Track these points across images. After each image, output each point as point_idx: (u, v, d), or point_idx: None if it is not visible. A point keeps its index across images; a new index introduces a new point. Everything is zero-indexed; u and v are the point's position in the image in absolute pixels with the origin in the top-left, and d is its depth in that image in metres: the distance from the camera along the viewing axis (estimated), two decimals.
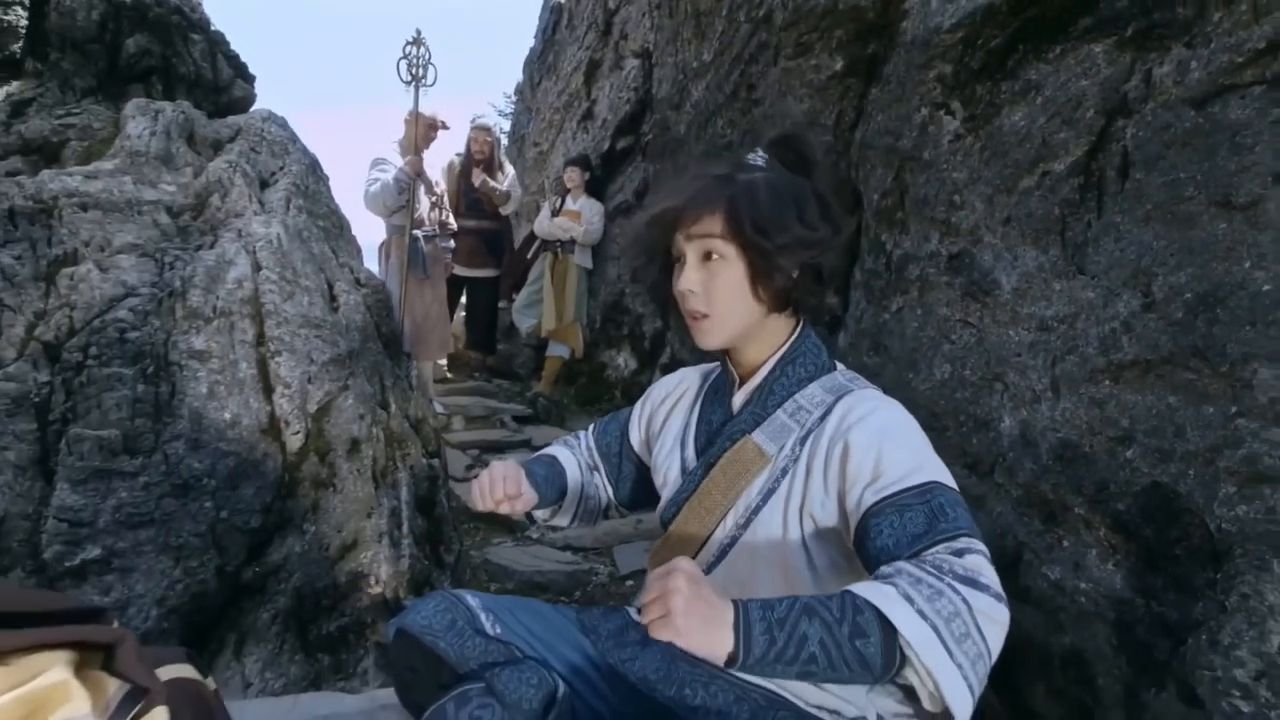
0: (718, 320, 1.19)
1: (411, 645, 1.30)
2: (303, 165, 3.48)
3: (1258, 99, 1.58)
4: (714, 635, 0.86)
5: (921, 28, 2.43)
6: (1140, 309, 1.79)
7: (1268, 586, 1.45)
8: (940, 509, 1.00)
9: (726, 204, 1.15)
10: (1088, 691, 1.86)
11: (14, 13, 2.95)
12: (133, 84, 3.32)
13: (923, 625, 0.86)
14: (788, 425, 1.18)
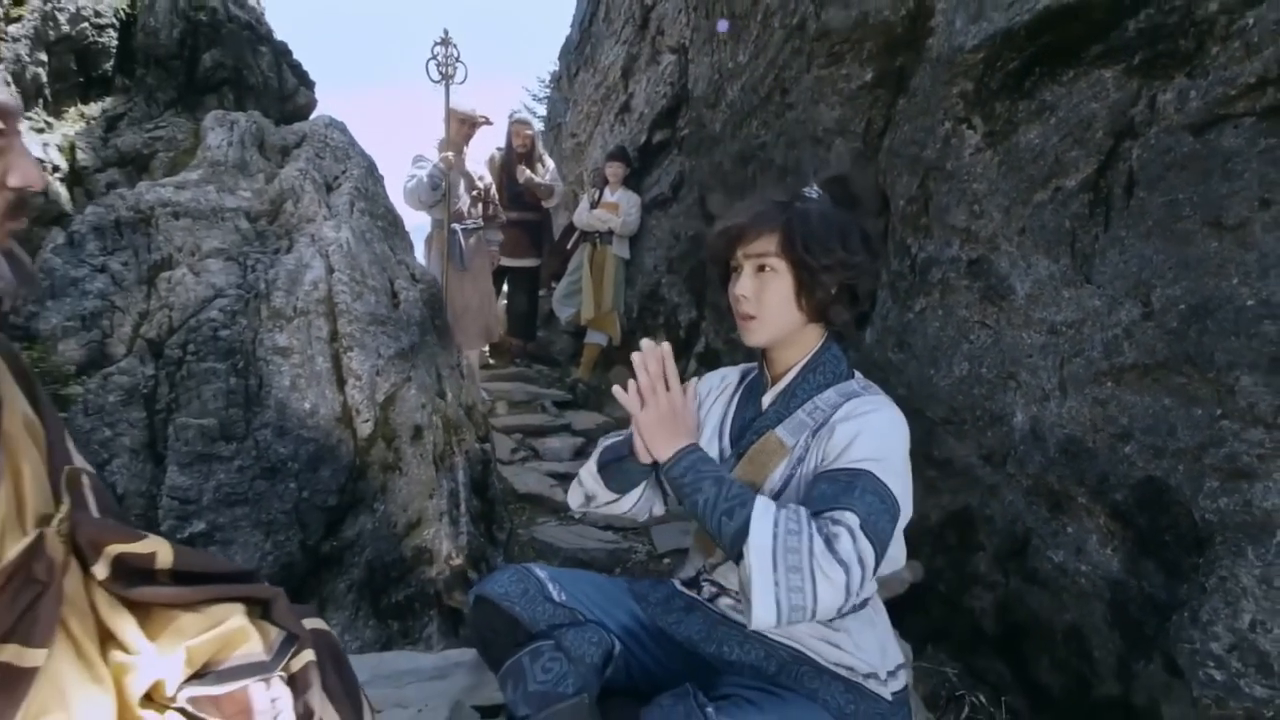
0: (763, 322, 1.40)
1: (491, 610, 1.53)
2: (362, 169, 3.72)
3: (1248, 129, 1.74)
4: (658, 447, 1.30)
5: (946, 46, 2.58)
6: (1140, 317, 1.95)
7: (1242, 570, 1.63)
8: (851, 488, 1.20)
9: (783, 225, 1.35)
10: (1085, 663, 2.05)
11: (106, 35, 3.21)
12: (208, 94, 3.59)
13: (767, 540, 1.12)
14: (805, 422, 1.38)
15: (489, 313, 5.49)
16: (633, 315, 5.97)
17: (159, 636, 1.04)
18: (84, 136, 3.05)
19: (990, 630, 2.43)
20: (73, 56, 3.11)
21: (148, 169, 3.14)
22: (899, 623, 2.53)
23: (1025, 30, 2.27)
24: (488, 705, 1.79)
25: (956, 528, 2.59)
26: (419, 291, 3.52)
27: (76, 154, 2.97)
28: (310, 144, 3.61)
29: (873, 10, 2.96)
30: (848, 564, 1.10)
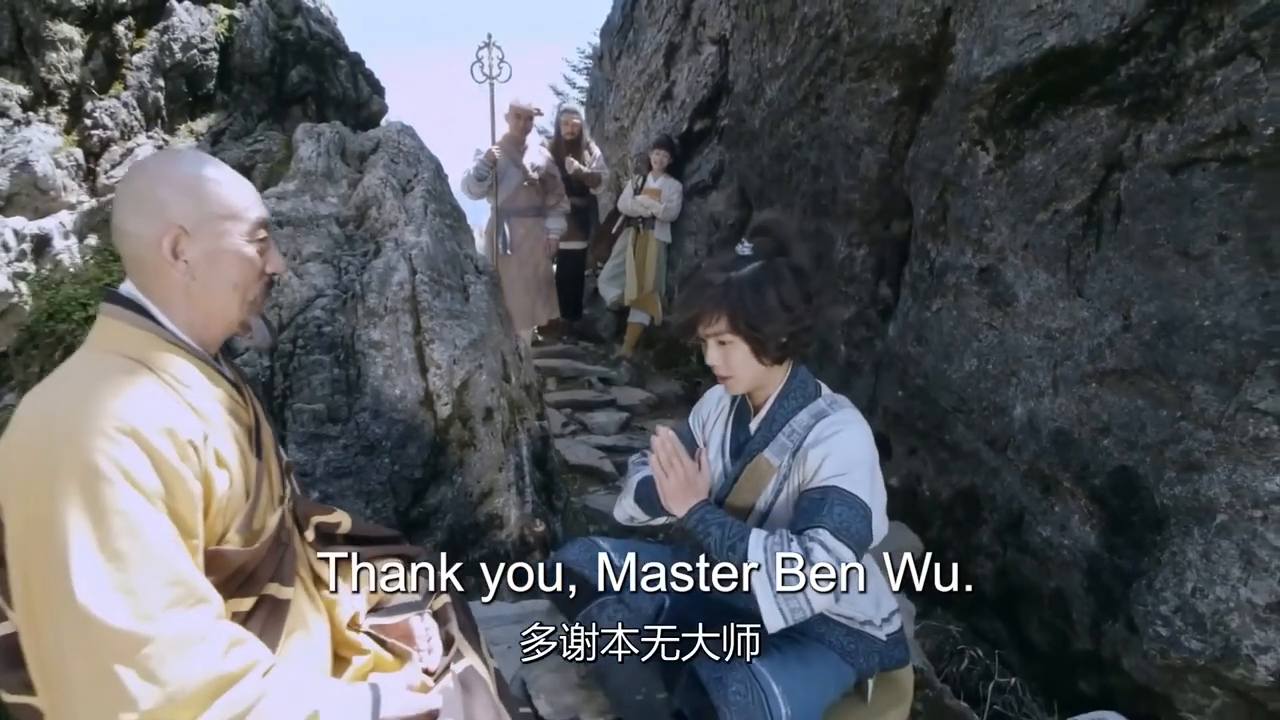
0: (738, 379, 1.74)
1: (568, 573, 1.93)
2: (431, 170, 4.09)
3: (1212, 173, 2.02)
4: (675, 507, 1.68)
5: (964, 74, 2.86)
6: (1120, 329, 2.26)
7: (1189, 547, 1.97)
8: (822, 504, 1.56)
9: (727, 311, 1.65)
10: (1066, 623, 2.40)
11: (210, 58, 3.61)
12: (293, 105, 3.99)
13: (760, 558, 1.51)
14: (785, 444, 1.72)
15: (536, 296, 5.88)
16: (673, 297, 6.30)
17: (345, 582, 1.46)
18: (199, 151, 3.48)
19: (990, 594, 2.78)
20: (184, 80, 3.51)
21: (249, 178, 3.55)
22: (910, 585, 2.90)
23: (1032, 67, 2.55)
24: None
25: (963, 504, 2.93)
26: (484, 284, 3.91)
27: None
28: (385, 150, 3.99)
29: (900, 34, 3.23)
30: (826, 567, 1.47)
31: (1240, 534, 1.87)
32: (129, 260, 1.15)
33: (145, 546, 0.96)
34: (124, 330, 1.13)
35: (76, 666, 0.93)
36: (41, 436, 0.99)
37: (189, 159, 1.22)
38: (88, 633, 0.92)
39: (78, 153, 3.13)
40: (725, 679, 1.54)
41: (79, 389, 1.03)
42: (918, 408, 3.19)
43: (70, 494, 0.95)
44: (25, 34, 3.17)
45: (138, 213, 1.12)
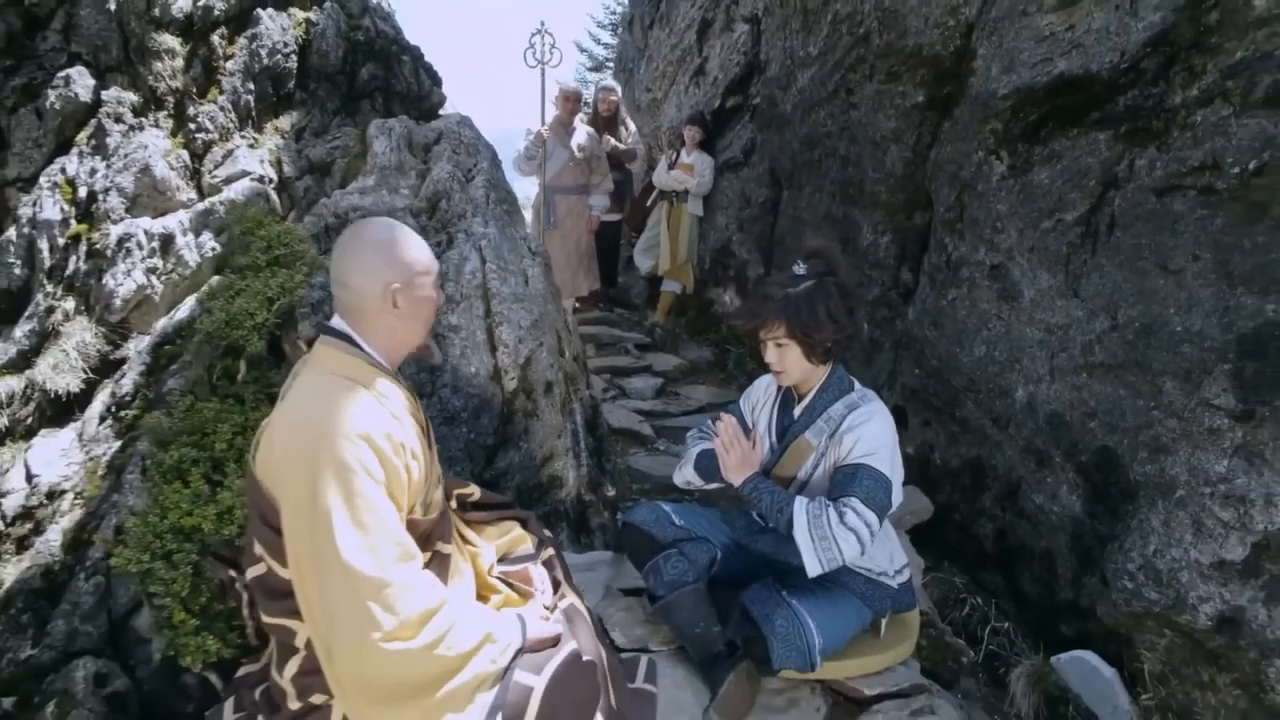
0: (789, 374, 2.15)
1: (636, 531, 2.36)
2: (489, 159, 4.44)
3: (1190, 200, 2.36)
4: (734, 478, 2.05)
5: (983, 89, 3.17)
6: (1108, 328, 2.62)
7: (1153, 516, 2.36)
8: (854, 478, 1.96)
9: (785, 320, 2.07)
10: (1052, 577, 2.81)
11: (291, 60, 3.96)
12: (362, 100, 4.34)
13: (804, 526, 1.91)
14: (824, 428, 2.13)
15: (577, 268, 6.27)
16: (705, 267, 6.66)
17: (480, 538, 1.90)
18: (284, 150, 3.84)
19: (990, 551, 3.20)
20: (269, 82, 3.87)
21: (329, 173, 3.92)
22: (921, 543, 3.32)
23: (1043, 91, 2.87)
24: (628, 589, 2.64)
25: (970, 472, 3.33)
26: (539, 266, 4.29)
27: (282, 165, 3.78)
28: (447, 140, 4.35)
29: (926, 44, 3.52)
30: (856, 529, 1.88)
31: (1194, 506, 2.26)
32: (348, 305, 1.56)
33: (380, 520, 1.39)
34: (340, 357, 1.55)
35: (340, 603, 1.36)
36: (303, 441, 1.41)
37: (393, 229, 1.62)
38: (348, 579, 1.35)
39: (184, 154, 3.51)
40: (772, 614, 1.97)
41: (323, 405, 1.45)
42: (932, 385, 3.57)
43: (329, 483, 1.37)
44: (132, 44, 3.53)
45: (361, 273, 1.53)
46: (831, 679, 2.18)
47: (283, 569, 1.45)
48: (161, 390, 2.61)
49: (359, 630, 1.35)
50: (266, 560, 1.50)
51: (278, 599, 1.49)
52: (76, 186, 3.42)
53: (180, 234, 3.30)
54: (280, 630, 1.51)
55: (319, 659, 1.43)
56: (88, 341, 3.05)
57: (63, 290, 3.28)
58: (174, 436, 2.16)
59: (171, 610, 1.82)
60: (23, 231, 3.43)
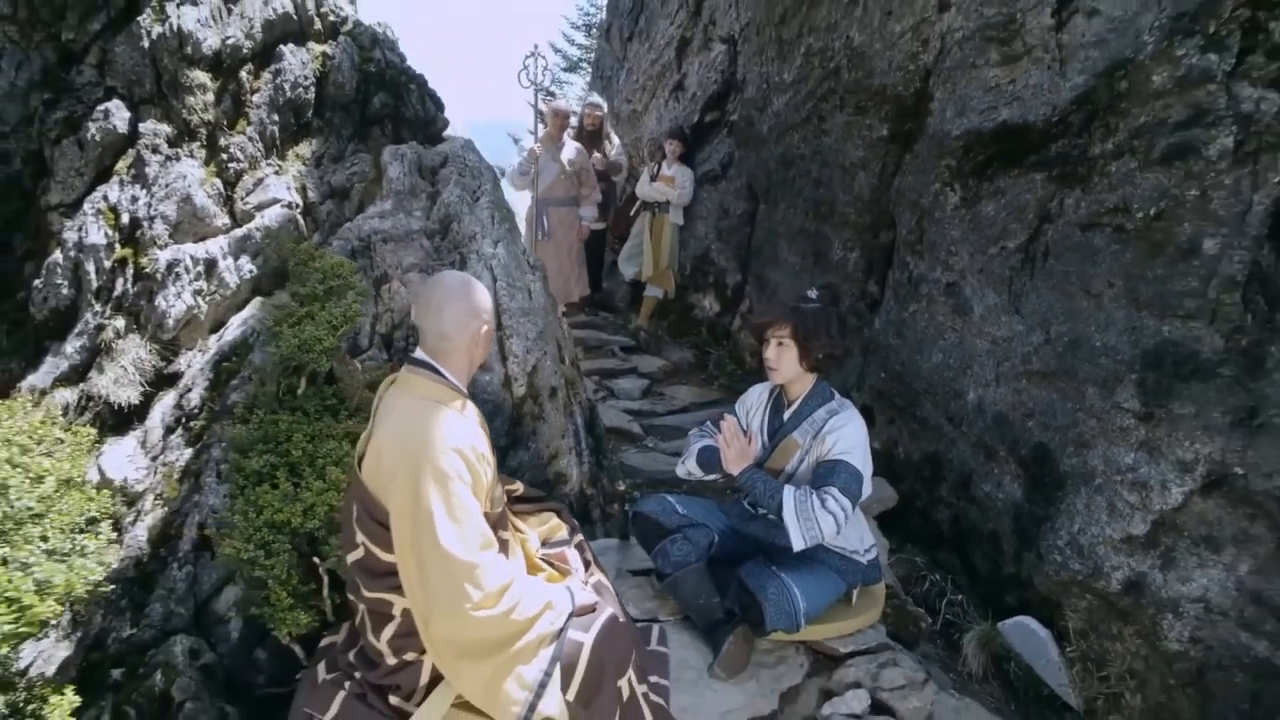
0: (782, 374, 2.59)
1: (645, 520, 2.78)
2: (491, 180, 4.80)
3: (1107, 236, 2.82)
4: (733, 468, 2.50)
5: (939, 129, 3.61)
6: (1043, 342, 3.08)
7: (1077, 501, 2.83)
8: (834, 471, 2.40)
9: (794, 322, 2.52)
10: (998, 554, 3.28)
11: (310, 91, 4.29)
12: (374, 127, 4.67)
13: (792, 510, 2.35)
14: (808, 429, 2.57)
15: (569, 276, 6.65)
16: (686, 274, 7.07)
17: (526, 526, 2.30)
18: (307, 176, 4.17)
19: (947, 534, 3.66)
20: (292, 113, 4.19)
21: (348, 197, 4.26)
22: (888, 527, 3.77)
23: (989, 135, 3.32)
24: (636, 569, 3.05)
25: (929, 465, 3.79)
26: (539, 280, 4.67)
27: (306, 191, 4.11)
28: (453, 164, 4.69)
29: (890, 84, 3.96)
30: (834, 513, 2.32)
31: (1108, 492, 2.73)
32: (438, 347, 1.95)
33: (469, 515, 1.79)
34: (428, 384, 1.94)
35: (439, 582, 1.75)
36: (407, 455, 1.80)
37: (469, 283, 2.02)
38: (446, 563, 1.74)
39: (218, 183, 3.82)
40: (764, 585, 2.40)
41: (421, 424, 1.84)
42: (896, 387, 4.02)
43: (430, 487, 1.76)
44: (164, 79, 3.84)
45: (455, 325, 1.92)
46: (812, 640, 2.62)
47: (384, 554, 1.84)
48: (226, 403, 2.96)
49: (454, 603, 1.74)
50: (368, 547, 1.89)
51: (377, 578, 1.87)
52: (119, 213, 3.72)
53: (221, 258, 3.63)
54: (378, 603, 1.90)
55: (416, 625, 1.82)
56: (143, 357, 3.37)
57: (111, 309, 3.59)
58: (251, 445, 2.52)
59: (272, 591, 2.19)
60: (69, 255, 3.72)
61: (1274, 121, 2.33)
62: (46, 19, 3.97)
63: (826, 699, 2.45)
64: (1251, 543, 2.36)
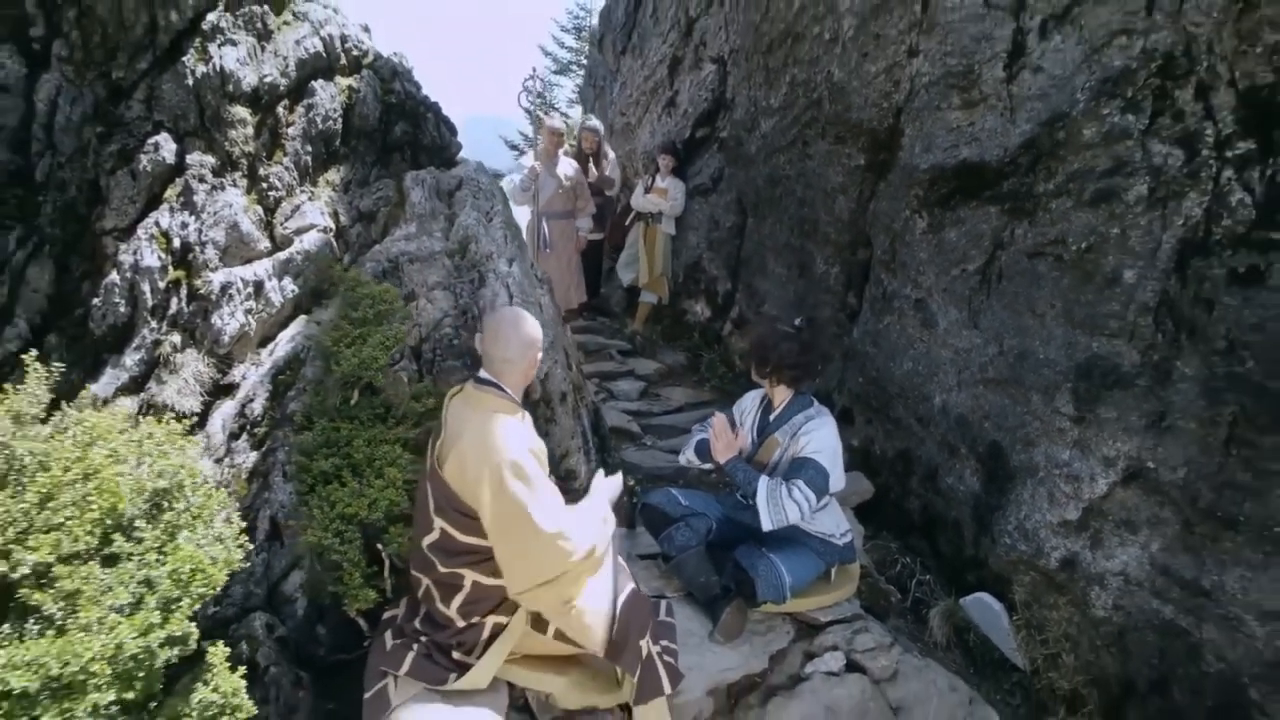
0: (774, 392, 3.04)
1: (653, 509, 3.22)
2: (502, 200, 5.22)
3: (1049, 264, 3.28)
4: (720, 459, 3.05)
5: (908, 162, 4.06)
6: (996, 354, 3.54)
7: (1024, 491, 3.30)
8: (803, 467, 2.87)
9: (777, 354, 2.97)
10: (960, 539, 3.74)
11: (337, 122, 4.70)
12: (394, 153, 5.07)
13: (764, 497, 2.84)
14: (787, 430, 3.03)
15: (569, 284, 7.08)
16: (679, 280, 7.51)
17: None
18: (338, 201, 4.57)
19: (917, 522, 4.12)
20: (323, 143, 4.60)
21: (375, 220, 4.67)
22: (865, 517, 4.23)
23: (951, 170, 3.77)
24: (643, 554, 3.49)
25: (901, 460, 4.25)
26: (547, 293, 5.10)
27: (338, 215, 4.52)
28: (467, 187, 5.11)
29: (866, 119, 4.41)
30: (799, 501, 2.78)
31: (1049, 484, 3.19)
32: (502, 370, 2.38)
33: (549, 495, 2.23)
34: (495, 399, 2.37)
35: (541, 550, 2.19)
36: (491, 458, 2.21)
37: (524, 317, 2.45)
38: (540, 536, 2.18)
39: (259, 209, 4.22)
40: (755, 563, 2.85)
41: (498, 432, 2.26)
42: (872, 391, 4.47)
43: (516, 481, 2.19)
44: (207, 114, 4.22)
45: (518, 352, 2.38)
46: (796, 611, 3.07)
47: (462, 536, 2.26)
48: (285, 412, 3.38)
49: (557, 560, 2.21)
50: (445, 530, 2.31)
51: (453, 556, 2.30)
52: (170, 237, 4.11)
53: (267, 279, 4.03)
54: (451, 577, 2.32)
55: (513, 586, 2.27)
56: (201, 370, 3.77)
57: (167, 326, 3.98)
58: (316, 449, 2.94)
59: (345, 572, 2.61)
60: (125, 276, 4.10)
61: (1178, 173, 2.79)
62: (99, 60, 4.34)
63: (809, 660, 2.90)
64: (1161, 525, 2.83)
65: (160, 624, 1.56)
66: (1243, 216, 2.62)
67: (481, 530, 2.25)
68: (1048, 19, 3.27)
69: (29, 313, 4.19)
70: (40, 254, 4.27)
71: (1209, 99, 2.72)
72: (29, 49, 4.32)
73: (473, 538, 2.26)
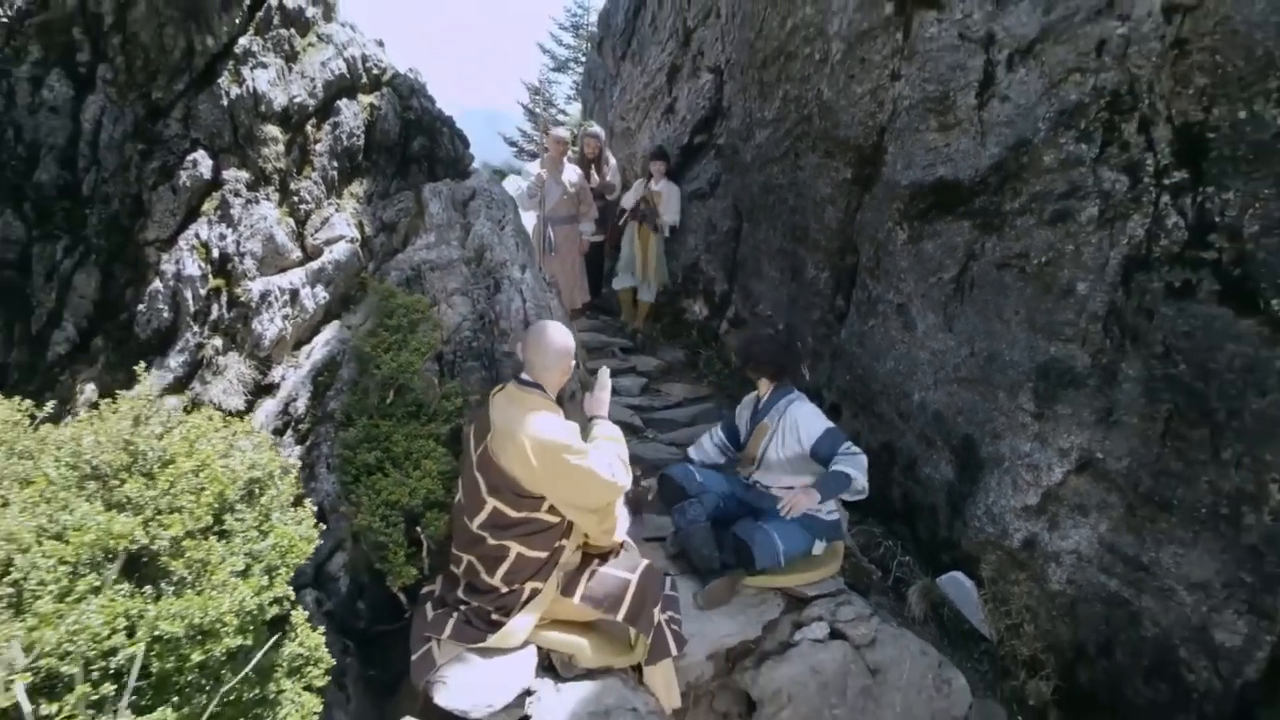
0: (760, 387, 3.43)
1: (671, 481, 3.61)
2: (513, 209, 5.57)
3: (1014, 275, 3.65)
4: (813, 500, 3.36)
5: (891, 178, 4.42)
6: (968, 356, 3.91)
7: (991, 480, 3.67)
8: (825, 443, 3.32)
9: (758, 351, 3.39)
10: (936, 524, 4.12)
11: (360, 138, 5.04)
12: (412, 165, 5.41)
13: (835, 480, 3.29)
14: (774, 414, 3.44)
15: (573, 285, 7.43)
16: (678, 281, 7.86)
17: None
18: (363, 213, 4.92)
19: (898, 508, 4.50)
20: (347, 158, 4.95)
21: (396, 230, 5.01)
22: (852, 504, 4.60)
23: (929, 187, 4.13)
24: (649, 537, 3.86)
25: (885, 452, 4.62)
26: (557, 298, 5.45)
27: (363, 226, 4.87)
28: (480, 198, 5.46)
29: (852, 136, 4.76)
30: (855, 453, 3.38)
31: (1013, 473, 3.57)
32: (543, 371, 2.77)
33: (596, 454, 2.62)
34: (538, 399, 2.74)
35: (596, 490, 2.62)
36: (549, 447, 2.59)
37: (561, 330, 2.83)
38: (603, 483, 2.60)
39: (291, 221, 4.57)
40: (753, 535, 3.24)
41: (549, 424, 2.65)
42: (858, 388, 4.84)
43: (573, 456, 2.58)
44: (241, 132, 4.55)
45: (557, 360, 2.75)
46: (785, 586, 3.44)
47: (512, 512, 2.64)
48: (326, 410, 3.73)
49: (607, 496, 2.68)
50: (498, 508, 2.68)
51: (503, 529, 2.68)
52: (210, 248, 4.45)
53: (301, 287, 4.38)
54: (498, 549, 2.70)
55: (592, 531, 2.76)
56: (244, 372, 4.12)
57: (209, 330, 4.32)
58: (359, 444, 3.30)
59: (390, 551, 2.97)
60: (168, 284, 4.44)
61: (1124, 198, 3.16)
62: (141, 82, 4.67)
63: (797, 628, 3.28)
64: (1109, 508, 3.21)
65: (268, 586, 1.92)
66: (1177, 237, 2.99)
67: (534, 507, 2.65)
68: (1014, 53, 3.63)
69: (76, 317, 4.54)
70: (87, 263, 4.61)
71: (1150, 132, 3.08)
72: (76, 72, 4.65)
73: (524, 513, 2.64)
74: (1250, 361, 2.74)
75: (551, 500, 2.68)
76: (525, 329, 4.83)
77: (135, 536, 1.80)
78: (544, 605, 2.71)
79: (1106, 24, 3.19)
